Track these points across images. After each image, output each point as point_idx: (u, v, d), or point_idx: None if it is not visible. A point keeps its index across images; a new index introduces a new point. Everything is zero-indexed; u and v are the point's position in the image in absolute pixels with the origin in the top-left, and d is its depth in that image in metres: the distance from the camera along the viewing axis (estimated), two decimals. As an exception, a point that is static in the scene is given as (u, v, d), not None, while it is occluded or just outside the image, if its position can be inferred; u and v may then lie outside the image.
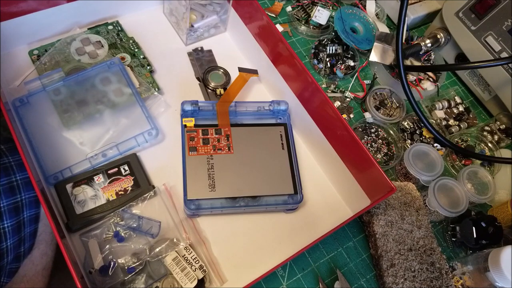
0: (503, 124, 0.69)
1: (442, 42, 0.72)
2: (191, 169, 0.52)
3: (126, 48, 0.62)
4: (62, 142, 0.53)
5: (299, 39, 0.73)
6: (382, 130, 0.66)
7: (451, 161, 0.66)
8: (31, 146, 0.51)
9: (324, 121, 0.55)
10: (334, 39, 0.72)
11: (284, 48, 0.55)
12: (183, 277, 0.47)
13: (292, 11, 0.75)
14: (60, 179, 0.51)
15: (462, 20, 0.68)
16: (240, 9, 0.63)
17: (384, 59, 0.69)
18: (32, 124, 0.52)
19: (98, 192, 0.51)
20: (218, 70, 0.64)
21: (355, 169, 0.53)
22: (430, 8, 0.77)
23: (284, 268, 0.53)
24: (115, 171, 0.52)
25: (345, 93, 0.68)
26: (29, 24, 0.57)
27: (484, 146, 0.68)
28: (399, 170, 0.62)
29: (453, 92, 0.73)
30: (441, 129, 0.68)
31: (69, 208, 0.49)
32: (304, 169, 0.59)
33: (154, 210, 0.52)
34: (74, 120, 0.54)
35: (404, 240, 0.53)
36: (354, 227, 0.58)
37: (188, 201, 0.50)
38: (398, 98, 0.69)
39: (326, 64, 0.69)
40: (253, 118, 0.59)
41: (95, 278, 0.46)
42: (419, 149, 0.61)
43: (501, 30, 0.63)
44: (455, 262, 0.56)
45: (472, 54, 0.68)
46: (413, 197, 0.57)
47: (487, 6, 0.64)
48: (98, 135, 0.54)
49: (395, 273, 0.51)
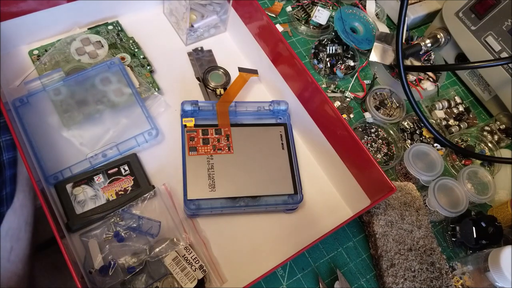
0: (503, 124, 0.69)
1: (442, 42, 0.72)
2: (191, 169, 0.52)
3: (126, 48, 0.62)
4: (62, 142, 0.53)
5: (299, 39, 0.73)
6: (382, 130, 0.66)
7: (451, 161, 0.66)
8: (31, 146, 0.51)
9: (324, 121, 0.55)
10: (334, 39, 0.72)
11: (284, 48, 0.55)
12: (183, 277, 0.47)
13: (292, 11, 0.75)
14: (60, 179, 0.51)
15: (462, 20, 0.68)
16: (240, 9, 0.63)
17: (384, 59, 0.69)
18: (32, 124, 0.52)
19: (98, 192, 0.51)
20: (218, 70, 0.64)
21: (355, 169, 0.53)
22: (430, 8, 0.77)
23: (284, 268, 0.53)
24: (115, 171, 0.52)
25: (345, 93, 0.68)
26: (29, 24, 0.57)
27: (484, 146, 0.68)
28: (399, 170, 0.62)
29: (453, 92, 0.73)
30: (441, 129, 0.68)
31: (69, 208, 0.49)
32: (304, 169, 0.59)
33: (154, 210, 0.52)
34: (74, 120, 0.54)
35: (404, 240, 0.53)
36: (354, 227, 0.58)
37: (188, 201, 0.50)
38: (398, 98, 0.69)
39: (326, 64, 0.69)
40: (253, 118, 0.59)
41: (95, 278, 0.46)
42: (419, 149, 0.61)
43: (501, 30, 0.63)
44: (455, 262, 0.56)
45: (472, 54, 0.68)
46: (413, 197, 0.57)
47: (487, 6, 0.64)
48: (98, 135, 0.54)
49: (395, 273, 0.51)
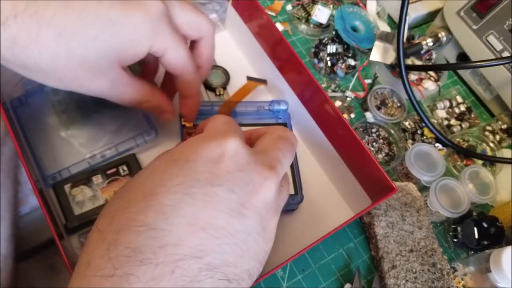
0: (505, 124, 0.69)
1: (443, 41, 0.72)
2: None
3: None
4: (60, 143, 0.52)
5: (299, 38, 0.73)
6: (383, 130, 0.66)
7: (452, 161, 0.65)
8: (29, 146, 0.51)
9: (324, 121, 0.55)
10: (335, 38, 0.71)
11: (285, 47, 0.55)
12: (182, 278, 0.47)
13: (292, 10, 0.74)
14: (58, 180, 0.50)
15: (463, 19, 0.67)
16: (240, 8, 0.62)
17: (385, 58, 0.69)
18: (30, 124, 0.52)
19: (97, 192, 0.51)
20: (218, 69, 0.64)
21: (356, 169, 0.53)
22: (431, 7, 0.77)
23: (284, 270, 0.53)
24: (113, 171, 0.52)
25: (345, 92, 0.68)
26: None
27: (486, 146, 0.68)
28: (400, 170, 0.62)
29: (455, 91, 0.72)
30: (442, 129, 0.67)
31: (68, 209, 0.49)
32: (305, 169, 0.59)
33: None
34: (73, 120, 0.53)
35: (405, 241, 0.53)
36: (355, 227, 0.57)
37: (187, 201, 0.50)
38: (399, 98, 0.68)
39: (327, 63, 0.69)
40: (253, 118, 0.59)
41: (94, 280, 0.46)
42: (421, 149, 0.61)
43: (502, 29, 0.63)
44: (456, 263, 0.55)
45: (473, 54, 0.68)
46: (414, 198, 0.57)
47: (489, 5, 0.64)
48: (97, 135, 0.53)
49: (396, 274, 0.51)
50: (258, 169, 0.32)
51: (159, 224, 0.28)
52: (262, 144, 0.37)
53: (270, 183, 0.32)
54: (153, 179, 0.30)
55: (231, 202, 0.30)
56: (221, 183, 0.30)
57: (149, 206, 0.29)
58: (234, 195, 0.30)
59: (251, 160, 0.32)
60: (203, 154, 0.31)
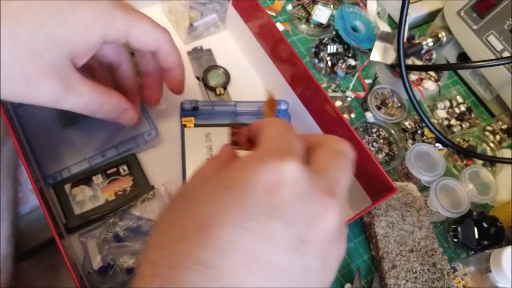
0: (505, 124, 0.69)
1: (443, 41, 0.72)
2: (191, 170, 0.52)
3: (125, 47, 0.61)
4: (60, 142, 0.52)
5: (299, 38, 0.73)
6: (383, 130, 0.66)
7: (452, 161, 0.65)
8: (29, 146, 0.51)
9: (325, 121, 0.55)
10: (335, 38, 0.71)
11: (285, 47, 0.55)
12: (182, 278, 0.47)
13: (293, 10, 0.74)
14: (58, 179, 0.50)
15: (464, 19, 0.67)
16: (240, 7, 0.62)
17: (386, 58, 0.69)
18: (31, 124, 0.52)
19: (97, 192, 0.50)
20: (218, 69, 0.64)
21: (357, 169, 0.52)
22: (431, 7, 0.77)
23: (284, 269, 0.53)
24: (114, 171, 0.52)
25: (346, 92, 0.68)
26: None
27: (486, 146, 0.68)
28: (401, 170, 0.62)
29: (455, 91, 0.72)
30: (442, 129, 0.67)
31: (68, 209, 0.49)
32: (305, 169, 0.59)
33: (153, 210, 0.51)
34: (73, 120, 0.53)
35: (406, 241, 0.53)
36: (355, 227, 0.57)
37: (187, 201, 0.50)
38: (400, 98, 0.68)
39: (327, 63, 0.69)
40: (253, 118, 0.59)
41: (94, 279, 0.46)
42: (421, 149, 0.61)
43: (502, 29, 0.63)
44: (456, 263, 0.55)
45: (473, 54, 0.68)
46: (414, 198, 0.57)
47: (489, 5, 0.64)
48: (97, 135, 0.53)
49: (396, 274, 0.51)
50: (319, 197, 0.29)
51: (216, 262, 0.26)
52: (318, 161, 0.32)
53: (331, 213, 0.29)
54: (207, 209, 0.28)
55: (291, 238, 0.27)
56: (279, 216, 0.27)
57: (205, 240, 0.26)
58: (293, 230, 0.27)
59: (311, 188, 0.29)
60: (259, 180, 0.28)
